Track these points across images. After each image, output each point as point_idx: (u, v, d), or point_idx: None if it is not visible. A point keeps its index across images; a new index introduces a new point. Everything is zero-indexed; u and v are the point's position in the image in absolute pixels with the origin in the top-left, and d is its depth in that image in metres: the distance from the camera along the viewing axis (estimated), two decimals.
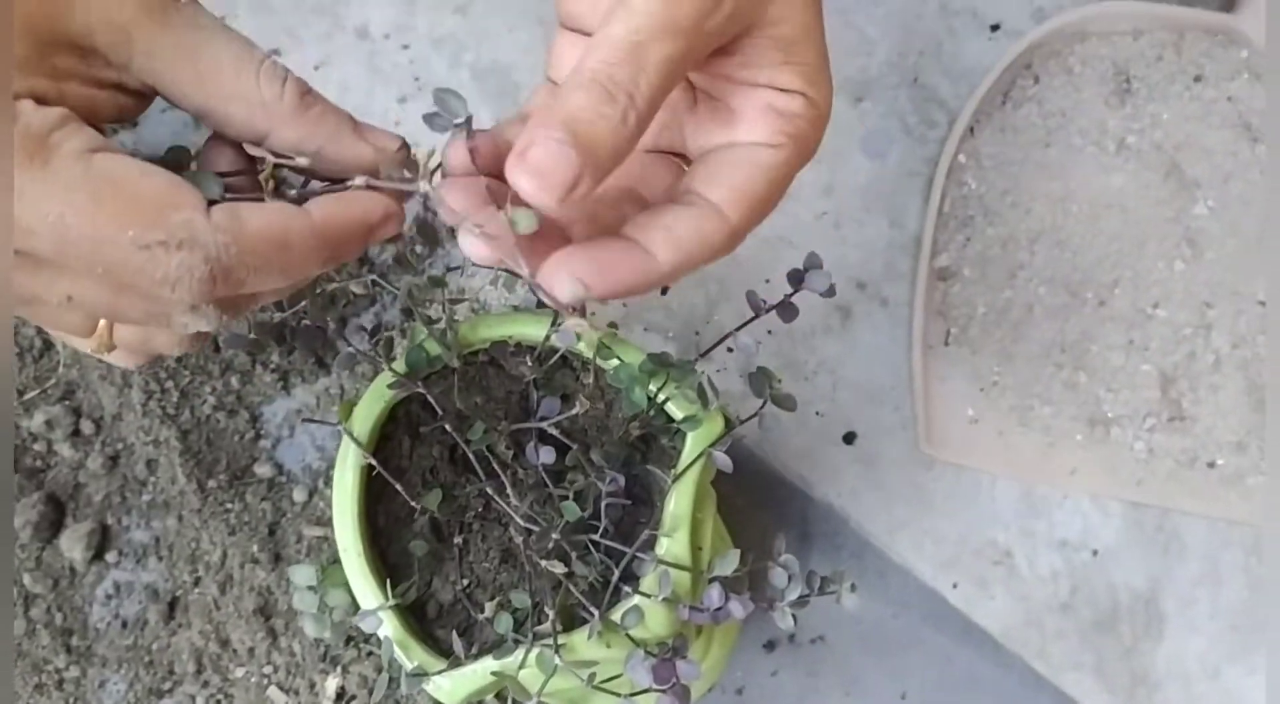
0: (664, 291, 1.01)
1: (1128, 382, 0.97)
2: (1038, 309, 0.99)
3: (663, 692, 0.65)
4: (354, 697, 0.86)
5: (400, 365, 0.73)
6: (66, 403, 0.93)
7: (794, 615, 0.70)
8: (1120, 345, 0.97)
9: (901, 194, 1.02)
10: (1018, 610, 0.94)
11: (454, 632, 0.70)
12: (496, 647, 0.70)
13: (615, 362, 0.74)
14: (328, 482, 0.94)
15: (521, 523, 0.72)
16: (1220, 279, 0.97)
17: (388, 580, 0.70)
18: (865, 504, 0.96)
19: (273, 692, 0.88)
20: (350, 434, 0.72)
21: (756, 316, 0.71)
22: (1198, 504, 0.95)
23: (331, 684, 0.86)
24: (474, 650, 0.71)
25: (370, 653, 0.87)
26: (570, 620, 0.71)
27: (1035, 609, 0.94)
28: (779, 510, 0.95)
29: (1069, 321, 0.98)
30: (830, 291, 0.71)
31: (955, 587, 0.95)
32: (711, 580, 0.69)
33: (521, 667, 0.68)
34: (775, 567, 0.70)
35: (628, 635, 0.67)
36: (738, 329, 0.72)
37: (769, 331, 0.98)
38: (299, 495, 0.93)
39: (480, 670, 0.68)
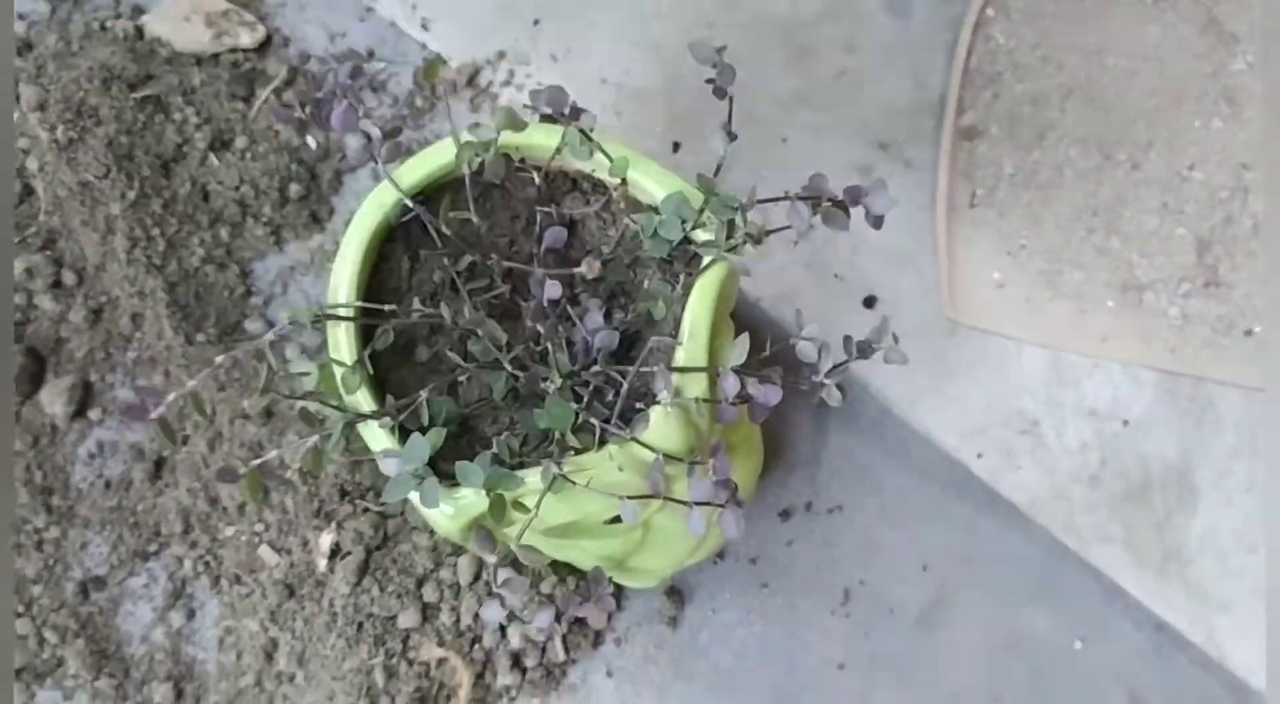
0: (675, 148, 0.96)
1: (1162, 246, 0.92)
2: (1068, 171, 0.94)
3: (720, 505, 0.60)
4: (349, 552, 0.81)
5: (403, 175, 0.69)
6: (47, 252, 0.89)
7: (837, 390, 0.64)
8: (1154, 209, 0.93)
9: (925, 52, 0.98)
10: (1045, 481, 0.90)
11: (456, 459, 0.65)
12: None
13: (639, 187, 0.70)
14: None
15: (511, 370, 0.67)
16: (1259, 139, 0.93)
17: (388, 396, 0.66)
18: (886, 371, 0.91)
19: (264, 550, 0.84)
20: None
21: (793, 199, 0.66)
22: (1233, 373, 0.91)
23: (326, 540, 0.81)
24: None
25: (366, 508, 0.83)
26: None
27: (1063, 481, 0.90)
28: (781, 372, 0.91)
29: (1101, 184, 0.93)
30: (879, 222, 0.67)
31: (980, 457, 0.90)
32: (722, 372, 0.64)
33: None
34: (799, 341, 0.65)
35: (639, 442, 0.63)
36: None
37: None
38: (290, 353, 0.88)
39: (476, 493, 0.64)
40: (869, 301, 0.93)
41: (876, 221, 0.69)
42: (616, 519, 0.70)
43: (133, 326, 0.88)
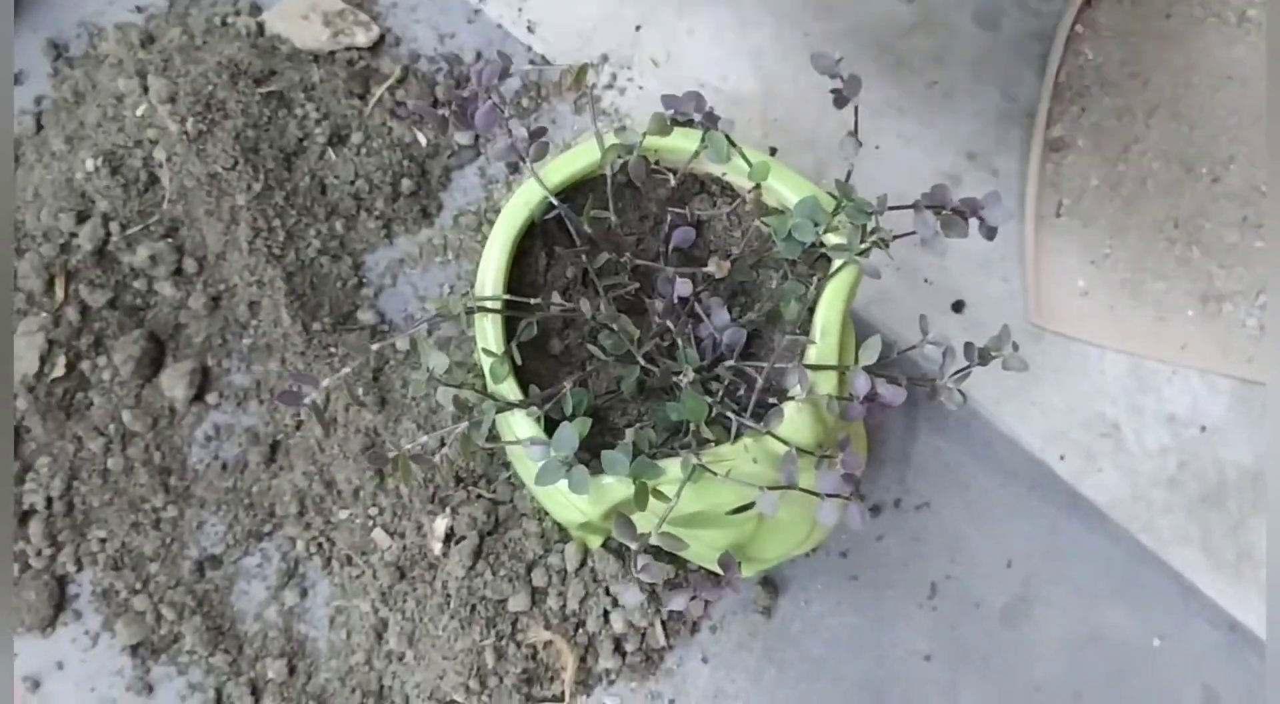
0: (771, 153, 0.99)
1: (1241, 258, 0.95)
2: (1151, 183, 0.97)
3: (821, 496, 0.64)
4: (463, 537, 0.84)
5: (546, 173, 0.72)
6: (170, 240, 0.92)
7: (959, 393, 0.68)
8: (1234, 222, 0.96)
9: (1014, 65, 1.01)
10: (1125, 484, 0.93)
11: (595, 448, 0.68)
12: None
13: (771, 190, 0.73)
14: (430, 332, 0.92)
15: (644, 364, 0.70)
16: None
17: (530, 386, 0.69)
18: (973, 374, 0.94)
19: (378, 534, 0.86)
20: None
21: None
22: (1268, 372, 0.94)
23: (440, 525, 0.84)
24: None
25: (479, 495, 0.86)
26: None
27: (1142, 483, 0.93)
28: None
29: (1183, 196, 0.97)
30: (992, 233, 0.70)
31: (1062, 458, 0.93)
32: (854, 370, 0.67)
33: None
34: (927, 344, 0.68)
35: (773, 436, 0.66)
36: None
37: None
38: (402, 344, 0.91)
39: (619, 481, 0.67)
40: (957, 306, 0.96)
41: (990, 232, 0.72)
42: (738, 509, 0.73)
43: (250, 314, 0.91)
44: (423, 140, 0.96)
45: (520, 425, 0.68)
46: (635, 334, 0.71)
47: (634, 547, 0.65)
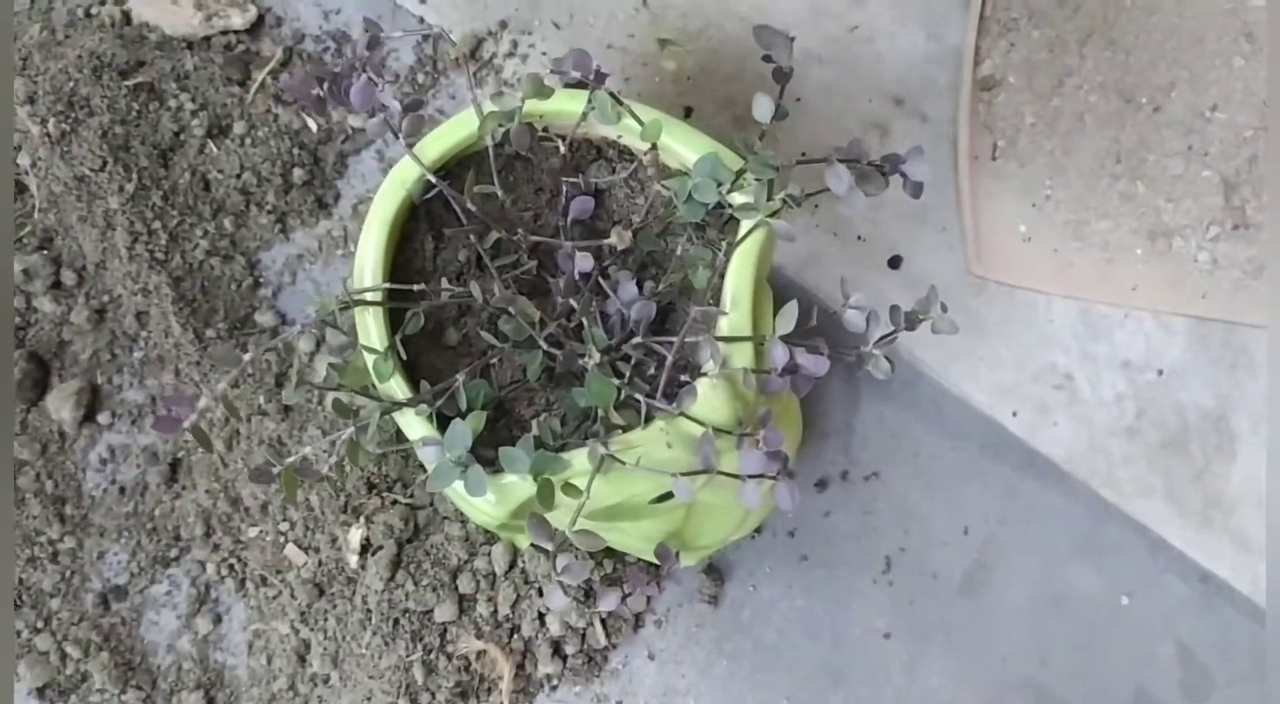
0: (687, 113, 0.93)
1: (1188, 190, 0.90)
2: (1089, 117, 0.92)
3: (742, 478, 0.58)
4: (380, 547, 0.79)
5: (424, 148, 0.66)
6: (44, 252, 0.85)
7: (885, 360, 0.63)
8: (1179, 152, 0.91)
9: (938, 3, 0.95)
10: (1081, 436, 0.88)
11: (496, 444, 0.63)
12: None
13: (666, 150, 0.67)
14: (313, 332, 0.86)
15: (546, 348, 0.65)
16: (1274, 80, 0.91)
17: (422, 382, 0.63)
18: (916, 332, 0.89)
19: (290, 550, 0.81)
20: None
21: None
22: (1266, 316, 0.89)
23: (355, 536, 0.79)
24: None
25: (395, 501, 0.80)
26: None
27: (1100, 434, 0.88)
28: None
29: (1124, 129, 0.91)
30: (918, 190, 0.65)
31: (1015, 415, 0.88)
32: (770, 341, 0.62)
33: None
34: (848, 309, 0.63)
35: (686, 416, 0.61)
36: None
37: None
38: (305, 345, 0.85)
39: (523, 478, 0.61)
40: (894, 262, 0.91)
41: (916, 189, 0.67)
42: (661, 498, 0.68)
43: (138, 325, 0.85)
44: (313, 126, 0.89)
45: (412, 425, 0.62)
46: (535, 316, 0.65)
47: (549, 547, 0.60)
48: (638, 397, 0.63)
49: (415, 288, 0.64)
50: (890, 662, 0.84)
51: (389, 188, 0.66)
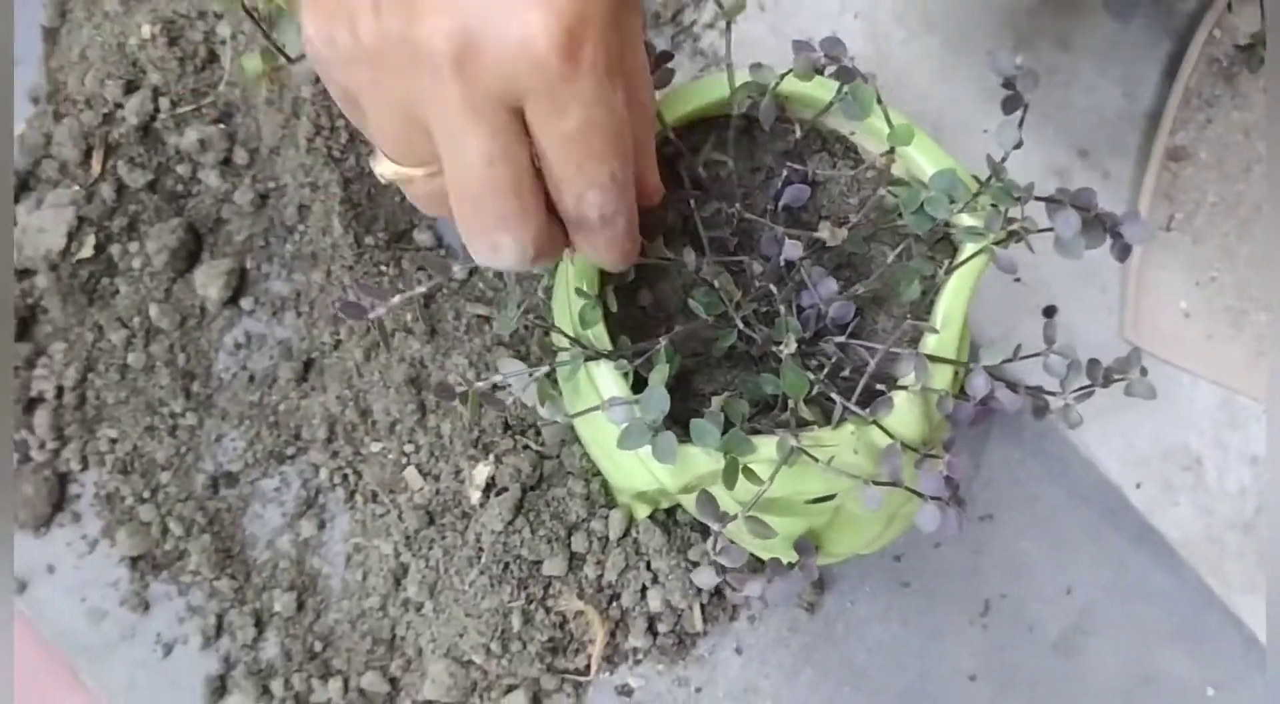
0: None
1: None
2: (1268, 208, 0.91)
3: (925, 496, 0.58)
4: (505, 489, 0.78)
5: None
6: (222, 126, 0.84)
7: (1077, 413, 0.63)
8: None
9: (1141, 62, 0.94)
10: (1200, 522, 0.88)
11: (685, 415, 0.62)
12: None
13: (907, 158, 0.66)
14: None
15: (741, 327, 0.64)
16: None
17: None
18: (1055, 386, 0.89)
19: (410, 473, 0.80)
20: None
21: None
22: None
23: (482, 472, 0.78)
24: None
25: (526, 446, 0.80)
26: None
27: (1218, 524, 0.88)
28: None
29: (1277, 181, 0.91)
30: (1125, 254, 0.64)
31: (1139, 487, 0.88)
32: (974, 369, 0.62)
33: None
34: (1051, 355, 0.63)
35: (879, 426, 0.60)
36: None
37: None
38: (457, 271, 0.84)
39: (707, 453, 0.60)
40: (1049, 311, 0.90)
41: (1123, 253, 0.66)
42: (818, 499, 0.67)
43: (298, 218, 0.84)
44: None
45: (605, 379, 0.61)
46: (736, 295, 0.65)
47: (715, 527, 0.59)
48: (831, 396, 0.62)
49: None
50: None
51: None
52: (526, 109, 0.46)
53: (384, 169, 0.52)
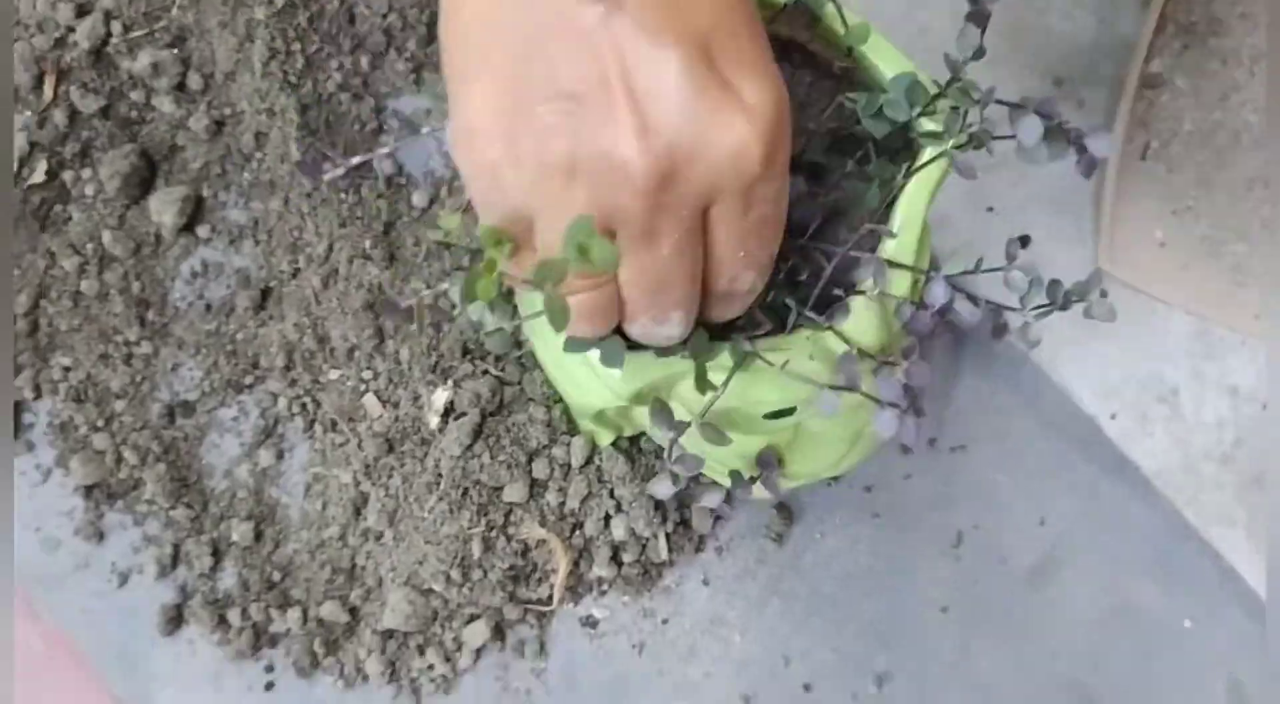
0: None
1: None
2: (1245, 137, 0.89)
3: (885, 402, 0.57)
4: (464, 414, 0.77)
5: None
6: (175, 51, 0.82)
7: (1027, 329, 0.61)
8: None
9: None
10: (1176, 453, 0.86)
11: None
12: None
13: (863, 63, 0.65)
14: (450, 191, 0.84)
15: None
16: None
17: None
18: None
19: (369, 400, 0.79)
20: None
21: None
22: None
23: (441, 397, 0.77)
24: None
25: (486, 371, 0.78)
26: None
27: (1194, 455, 0.86)
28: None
29: (1277, 156, 0.89)
30: (1090, 168, 0.62)
31: (1113, 417, 0.86)
32: (933, 278, 0.60)
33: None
34: (1012, 269, 0.61)
35: (836, 332, 0.58)
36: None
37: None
38: (418, 200, 0.83)
39: (657, 361, 0.59)
40: (1022, 241, 0.88)
41: (1088, 167, 0.64)
42: (776, 415, 0.66)
43: (255, 145, 0.82)
44: None
45: None
46: None
47: (670, 434, 0.58)
48: (787, 302, 0.60)
49: None
50: (943, 636, 0.82)
51: None
52: (715, 207, 0.49)
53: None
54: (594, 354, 0.58)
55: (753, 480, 0.65)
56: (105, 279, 0.80)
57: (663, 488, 0.59)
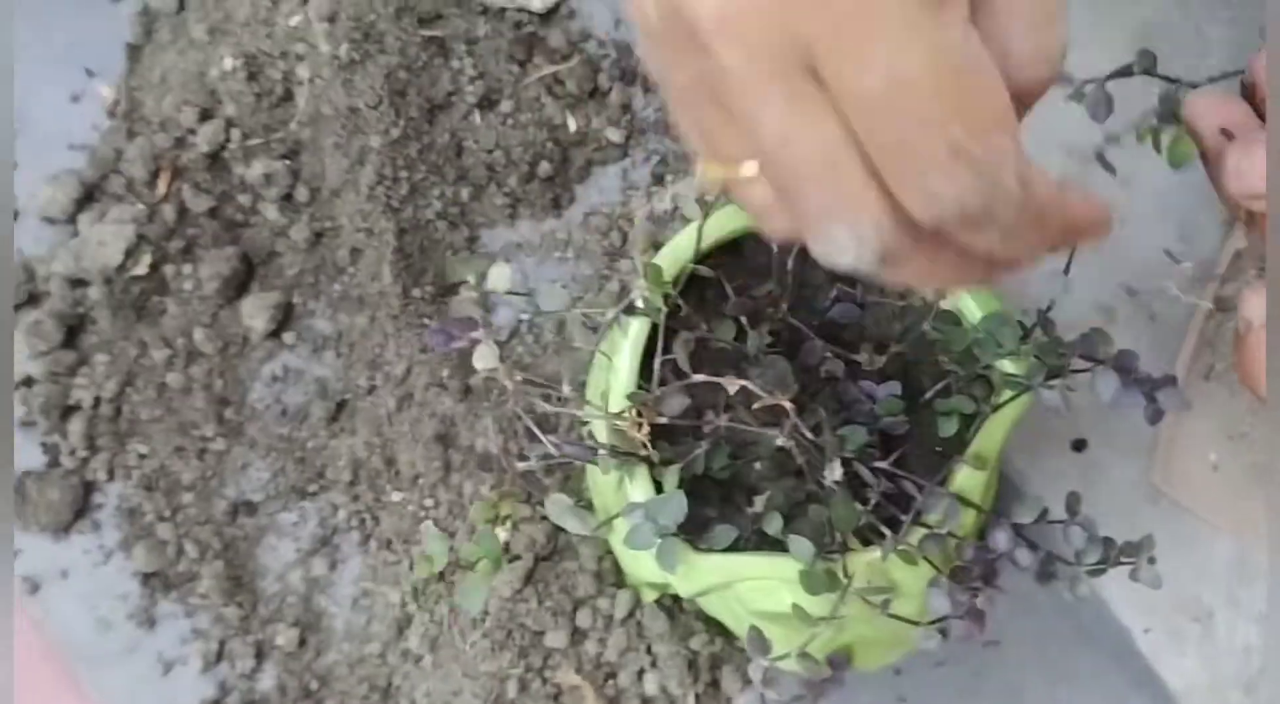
0: None
1: None
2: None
3: (960, 617, 0.59)
4: (517, 557, 0.79)
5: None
6: (288, 162, 0.86)
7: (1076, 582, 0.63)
8: None
9: (1198, 210, 0.95)
10: (1204, 675, 0.87)
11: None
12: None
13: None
14: (530, 328, 0.86)
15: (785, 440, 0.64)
16: None
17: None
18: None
19: (427, 527, 0.81)
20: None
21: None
22: None
23: (499, 537, 0.79)
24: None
25: (543, 517, 0.80)
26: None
27: (1222, 679, 0.87)
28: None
29: None
30: (1156, 417, 0.64)
31: (1147, 631, 0.87)
32: (998, 522, 0.63)
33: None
34: (1072, 525, 0.63)
35: (927, 560, 0.61)
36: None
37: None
38: (500, 333, 0.85)
39: (737, 564, 0.61)
40: (1078, 445, 0.90)
41: (1154, 416, 0.67)
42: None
43: (350, 260, 0.85)
44: (572, 125, 0.90)
45: (640, 484, 0.62)
46: (794, 387, 0.64)
47: (763, 662, 0.60)
48: (883, 530, 0.62)
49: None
50: None
51: (672, 253, 0.65)
52: (818, 68, 0.35)
53: (709, 172, 0.42)
54: (653, 551, 0.60)
55: (823, 682, 0.65)
56: (190, 373, 0.83)
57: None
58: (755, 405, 0.61)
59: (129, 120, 0.85)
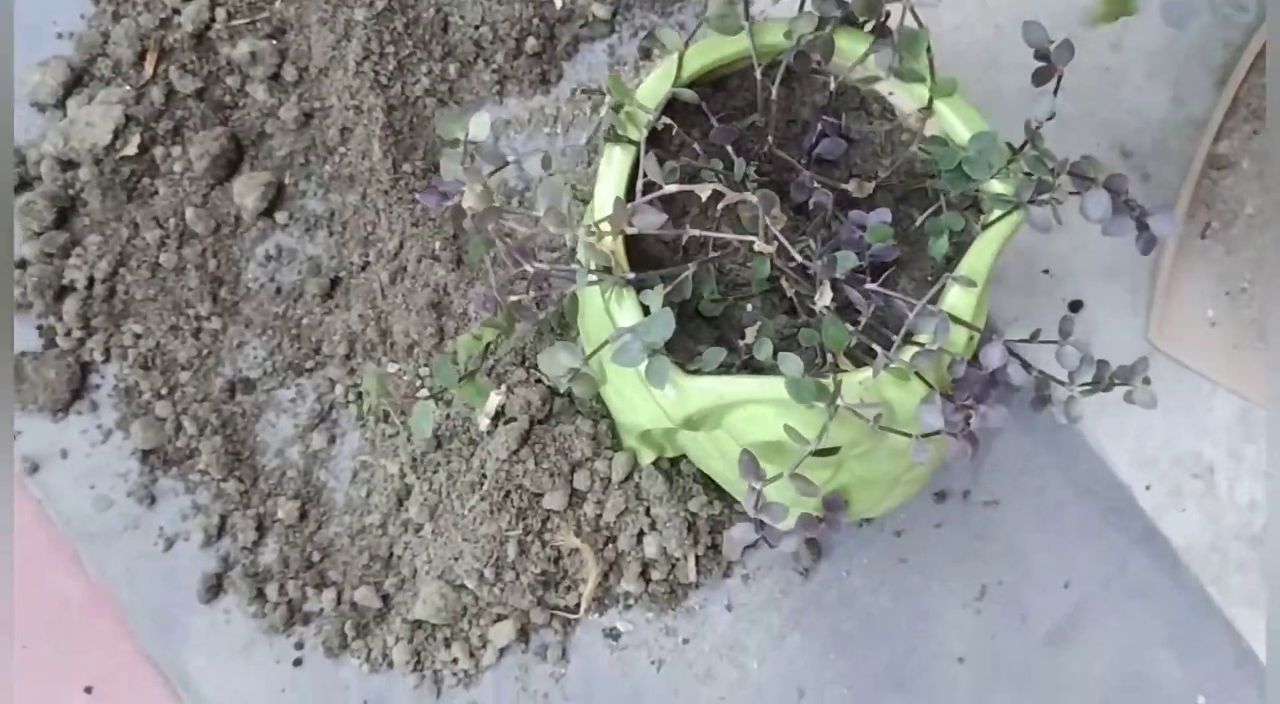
0: None
1: None
2: None
3: (953, 435, 0.58)
4: (513, 419, 0.79)
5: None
6: (274, 41, 0.85)
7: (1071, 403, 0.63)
8: None
9: (1191, 70, 0.94)
10: (1206, 530, 0.87)
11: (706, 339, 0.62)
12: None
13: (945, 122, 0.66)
14: (522, 200, 0.86)
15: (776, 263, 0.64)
16: None
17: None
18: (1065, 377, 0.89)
19: (424, 395, 0.81)
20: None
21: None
22: None
23: (494, 401, 0.79)
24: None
25: (538, 380, 0.80)
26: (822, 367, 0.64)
27: (1224, 534, 0.87)
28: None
29: None
30: (1149, 245, 0.64)
31: (1148, 488, 0.87)
32: (991, 340, 0.62)
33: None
34: (1066, 346, 0.63)
35: (921, 378, 0.60)
36: None
37: None
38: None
39: (727, 387, 0.61)
40: (1075, 306, 0.90)
41: (1148, 245, 0.66)
42: (823, 452, 0.67)
43: (340, 139, 0.85)
44: (558, 1, 0.89)
45: (628, 308, 0.62)
46: (782, 221, 0.64)
47: (757, 486, 0.59)
48: (875, 347, 0.61)
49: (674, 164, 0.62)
50: (957, 686, 0.83)
51: (653, 83, 0.65)
52: None
53: None
54: (641, 369, 0.60)
55: (820, 521, 0.65)
56: (184, 254, 0.83)
57: (742, 532, 0.61)
58: (738, 213, 0.60)
59: (113, 2, 0.85)
